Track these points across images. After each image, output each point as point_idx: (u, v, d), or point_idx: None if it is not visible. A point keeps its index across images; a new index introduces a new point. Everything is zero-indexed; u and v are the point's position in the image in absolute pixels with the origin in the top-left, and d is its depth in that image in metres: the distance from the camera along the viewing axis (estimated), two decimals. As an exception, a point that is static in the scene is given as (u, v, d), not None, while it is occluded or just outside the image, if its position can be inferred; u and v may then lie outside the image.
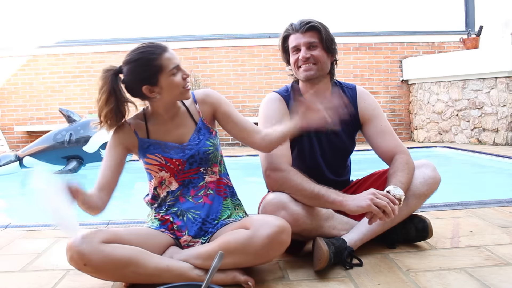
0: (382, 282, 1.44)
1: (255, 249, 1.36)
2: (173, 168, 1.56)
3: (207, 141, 1.58)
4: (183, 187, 1.58)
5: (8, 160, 4.38)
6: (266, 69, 6.23)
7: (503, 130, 5.11)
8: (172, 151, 1.55)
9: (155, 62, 1.44)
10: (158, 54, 1.45)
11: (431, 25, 6.49)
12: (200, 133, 1.58)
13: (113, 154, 1.54)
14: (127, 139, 1.56)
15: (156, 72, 1.45)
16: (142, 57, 1.45)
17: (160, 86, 1.47)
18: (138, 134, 1.57)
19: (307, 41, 1.70)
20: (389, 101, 6.41)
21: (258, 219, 1.43)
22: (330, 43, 1.72)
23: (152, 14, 6.40)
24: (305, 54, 1.70)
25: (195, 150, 1.56)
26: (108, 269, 1.33)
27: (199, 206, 1.57)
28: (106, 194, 1.49)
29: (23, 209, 3.40)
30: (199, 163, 1.57)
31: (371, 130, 1.80)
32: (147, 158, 1.56)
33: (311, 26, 1.69)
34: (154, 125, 1.58)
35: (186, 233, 1.55)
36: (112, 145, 1.55)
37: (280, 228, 1.38)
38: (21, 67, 6.25)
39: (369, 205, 1.46)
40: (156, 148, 1.56)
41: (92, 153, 4.39)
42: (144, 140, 1.57)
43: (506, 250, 1.68)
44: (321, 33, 1.69)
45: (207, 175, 1.60)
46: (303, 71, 1.72)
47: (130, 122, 1.58)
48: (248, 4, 6.44)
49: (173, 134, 1.57)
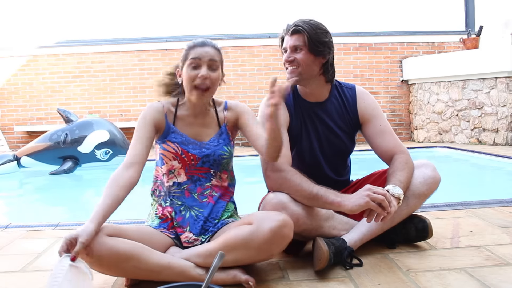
0: (382, 282, 1.44)
1: (258, 243, 1.37)
2: (186, 161, 1.59)
3: (225, 147, 1.63)
4: (190, 182, 1.61)
5: (6, 159, 4.39)
6: (266, 69, 6.23)
7: (503, 130, 5.12)
8: (190, 145, 1.61)
9: (187, 50, 1.58)
10: (194, 45, 1.57)
11: (431, 25, 6.49)
12: (221, 137, 1.65)
13: (145, 129, 1.58)
14: (158, 118, 1.61)
15: (184, 59, 1.59)
16: (188, 44, 1.61)
17: (181, 73, 1.60)
18: (168, 117, 1.63)
19: (292, 44, 1.71)
20: (389, 101, 6.41)
21: (260, 214, 1.45)
22: (317, 46, 1.69)
23: (152, 14, 6.40)
24: (287, 57, 1.72)
25: (211, 151, 1.61)
26: (109, 262, 1.33)
27: (203, 204, 1.59)
28: (135, 171, 1.48)
29: (23, 209, 3.41)
30: (211, 163, 1.61)
31: (370, 130, 1.80)
32: (166, 144, 1.60)
33: (295, 29, 1.70)
34: (182, 115, 1.64)
35: (188, 229, 1.55)
36: (144, 120, 1.59)
37: (283, 222, 1.39)
38: (21, 67, 6.25)
39: (367, 201, 1.46)
40: (177, 138, 1.61)
41: (87, 154, 4.40)
42: (170, 125, 1.62)
43: (506, 250, 1.68)
44: (305, 36, 1.69)
45: (214, 178, 1.63)
46: (288, 73, 1.75)
47: (163, 104, 1.64)
48: (248, 4, 6.44)
49: (196, 131, 1.64)
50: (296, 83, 1.76)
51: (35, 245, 1.95)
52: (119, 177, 1.44)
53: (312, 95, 1.78)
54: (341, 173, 1.88)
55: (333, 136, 1.80)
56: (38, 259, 1.77)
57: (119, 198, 1.40)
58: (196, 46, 1.57)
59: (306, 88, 1.77)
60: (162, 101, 1.65)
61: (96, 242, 1.29)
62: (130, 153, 1.53)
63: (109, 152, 4.45)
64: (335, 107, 1.81)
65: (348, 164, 1.93)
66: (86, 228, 1.27)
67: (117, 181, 1.43)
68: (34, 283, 1.53)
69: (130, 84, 6.30)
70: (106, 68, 6.28)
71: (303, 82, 1.75)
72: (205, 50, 1.55)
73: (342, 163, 1.89)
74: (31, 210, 3.33)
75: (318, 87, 1.78)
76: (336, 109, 1.81)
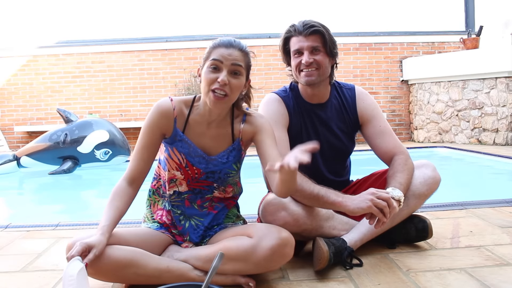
0: (382, 282, 1.44)
1: (257, 260, 1.35)
2: (190, 174, 1.52)
3: (233, 164, 1.53)
4: (192, 193, 1.56)
5: (6, 159, 4.40)
6: (266, 69, 6.23)
7: (503, 130, 5.11)
8: (196, 158, 1.49)
9: (211, 48, 1.44)
10: (219, 45, 1.43)
11: (431, 25, 6.49)
12: (231, 153, 1.52)
13: (150, 139, 1.46)
14: (165, 124, 1.47)
15: (205, 58, 1.44)
16: (213, 42, 1.46)
17: (201, 73, 1.45)
18: (177, 122, 1.48)
19: (310, 45, 1.66)
20: (389, 101, 6.41)
21: (261, 229, 1.40)
22: (333, 47, 1.69)
23: (152, 14, 6.40)
24: (308, 59, 1.66)
25: (218, 168, 1.51)
26: (108, 271, 1.33)
27: (203, 214, 1.56)
28: (136, 187, 1.46)
29: (23, 209, 3.41)
30: (216, 179, 1.54)
31: (370, 130, 1.80)
32: (171, 151, 1.49)
33: (315, 30, 1.65)
34: (194, 122, 1.50)
35: (188, 239, 1.54)
36: (149, 128, 1.47)
37: (284, 241, 1.35)
38: (21, 67, 6.25)
39: (370, 206, 1.45)
40: (184, 148, 1.48)
41: (87, 154, 4.40)
42: (179, 132, 1.48)
43: (506, 250, 1.68)
44: (324, 37, 1.66)
45: (217, 190, 1.57)
46: (305, 76, 1.69)
47: (175, 105, 1.48)
48: (248, 4, 6.44)
49: (206, 142, 1.51)
50: (312, 85, 1.71)
51: (35, 245, 1.95)
52: (122, 192, 1.44)
53: (314, 97, 1.77)
54: (341, 173, 1.88)
55: (333, 138, 1.80)
56: (38, 259, 1.77)
57: (123, 212, 1.43)
58: (220, 45, 1.42)
59: (313, 90, 1.75)
60: (174, 100, 1.49)
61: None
62: (133, 167, 1.47)
63: (108, 152, 4.46)
64: (336, 108, 1.80)
65: (348, 164, 1.92)
66: (100, 242, 1.29)
67: (121, 196, 1.43)
68: (34, 283, 1.53)
69: (130, 84, 6.30)
70: (106, 68, 6.28)
71: (317, 84, 1.72)
72: (229, 52, 1.40)
73: (342, 164, 1.89)
74: (31, 210, 3.32)
75: (324, 89, 1.77)
76: (336, 110, 1.80)
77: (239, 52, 1.42)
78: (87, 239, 1.28)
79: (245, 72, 1.45)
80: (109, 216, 1.37)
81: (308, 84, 1.71)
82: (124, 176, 1.48)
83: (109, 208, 1.39)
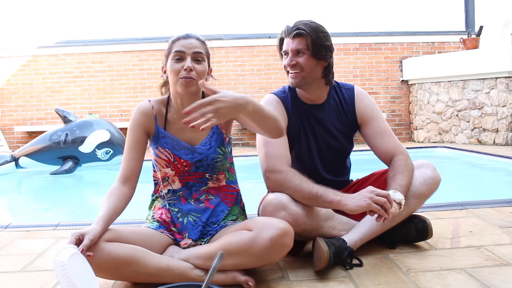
0: (382, 282, 1.44)
1: (258, 251, 1.36)
2: (180, 168, 1.56)
3: (217, 148, 1.57)
4: (186, 189, 1.59)
5: (3, 160, 4.36)
6: (266, 69, 6.23)
7: (503, 130, 5.11)
8: (182, 150, 1.56)
9: (171, 44, 1.53)
10: (178, 38, 1.52)
11: (431, 25, 6.49)
12: (212, 138, 1.58)
13: (135, 138, 1.55)
14: (146, 122, 1.57)
15: (167, 53, 1.53)
16: (171, 38, 1.55)
17: (166, 68, 1.54)
18: (158, 120, 1.57)
19: (294, 47, 1.68)
20: (389, 101, 6.41)
21: (261, 221, 1.42)
22: (319, 50, 1.67)
23: (152, 14, 6.40)
24: (290, 61, 1.69)
25: (204, 155, 1.56)
26: (109, 268, 1.33)
27: (200, 209, 1.57)
28: (130, 186, 1.51)
29: (23, 209, 3.41)
30: (205, 168, 1.57)
31: (369, 131, 1.80)
32: (158, 151, 1.57)
33: (298, 32, 1.66)
34: (173, 117, 1.58)
35: (186, 235, 1.55)
36: (133, 127, 1.56)
37: (283, 231, 1.37)
38: (21, 67, 6.25)
39: (369, 204, 1.45)
40: (168, 143, 1.56)
41: (88, 154, 4.40)
42: (160, 129, 1.57)
43: (506, 250, 1.68)
44: (308, 40, 1.66)
45: (211, 181, 1.60)
46: (290, 78, 1.73)
47: (153, 105, 1.58)
48: (248, 4, 6.44)
49: (186, 134, 1.57)
50: (298, 87, 1.74)
51: (35, 245, 1.95)
52: (116, 190, 1.49)
53: (311, 98, 1.78)
54: (340, 174, 1.88)
55: (331, 138, 1.80)
56: (38, 259, 1.77)
57: (118, 209, 1.45)
58: (179, 39, 1.52)
59: (306, 91, 1.76)
60: (152, 101, 1.60)
61: (95, 248, 1.30)
62: (124, 166, 1.53)
63: (109, 152, 4.46)
64: (333, 109, 1.80)
65: (347, 164, 1.92)
66: (93, 228, 1.32)
67: (115, 193, 1.47)
68: (34, 283, 1.53)
69: (130, 84, 6.30)
70: (106, 68, 6.28)
71: (305, 86, 1.73)
72: (189, 41, 1.50)
73: (341, 164, 1.88)
74: (31, 210, 3.33)
75: (318, 90, 1.77)
76: (334, 110, 1.80)
77: (198, 41, 1.53)
78: (80, 230, 1.31)
79: (206, 59, 1.54)
80: (103, 210, 1.40)
81: (294, 85, 1.74)
82: (117, 177, 1.53)
83: (104, 205, 1.43)
